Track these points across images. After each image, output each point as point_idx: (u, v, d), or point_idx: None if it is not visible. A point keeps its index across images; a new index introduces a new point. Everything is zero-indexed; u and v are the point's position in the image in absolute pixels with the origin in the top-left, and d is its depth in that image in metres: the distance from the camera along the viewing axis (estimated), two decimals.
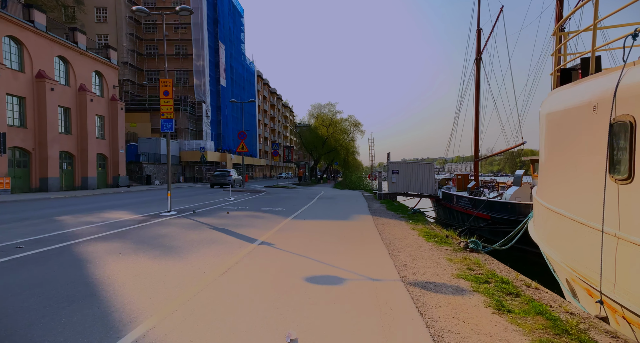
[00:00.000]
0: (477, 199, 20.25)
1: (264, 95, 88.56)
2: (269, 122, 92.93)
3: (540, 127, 7.29)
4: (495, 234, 18.04)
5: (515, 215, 16.06)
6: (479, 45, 28.83)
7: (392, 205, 18.22)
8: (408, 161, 26.85)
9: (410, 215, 13.78)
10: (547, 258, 6.97)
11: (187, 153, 50.49)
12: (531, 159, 18.35)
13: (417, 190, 26.52)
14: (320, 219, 12.28)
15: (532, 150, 42.69)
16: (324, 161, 69.47)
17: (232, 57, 64.33)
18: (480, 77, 28.96)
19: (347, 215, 13.65)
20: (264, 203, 18.09)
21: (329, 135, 60.50)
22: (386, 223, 11.49)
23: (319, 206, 17.04)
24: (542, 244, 7.16)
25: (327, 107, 63.63)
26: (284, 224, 10.93)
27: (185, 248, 7.33)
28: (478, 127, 29.21)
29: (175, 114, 51.04)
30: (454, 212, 24.34)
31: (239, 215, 12.96)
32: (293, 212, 14.32)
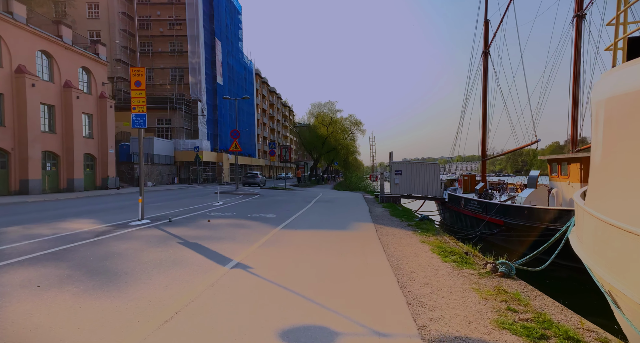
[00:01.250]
0: (488, 202, 18.57)
1: (262, 94, 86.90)
2: (268, 122, 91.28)
3: (594, 117, 5.63)
4: (509, 242, 16.35)
5: (533, 221, 14.38)
6: (486, 37, 27.15)
7: (396, 210, 16.55)
8: (411, 161, 25.15)
9: (418, 223, 12.11)
10: (608, 288, 5.31)
11: (182, 153, 48.85)
12: (549, 158, 16.67)
13: (421, 192, 24.84)
14: (314, 229, 10.62)
15: (535, 149, 41.03)
16: (324, 161, 67.81)
17: (229, 54, 62.68)
18: (487, 72, 27.31)
19: (345, 222, 11.99)
20: (255, 208, 16.44)
21: (328, 135, 58.83)
22: (391, 234, 9.82)
23: (315, 211, 15.38)
24: (596, 268, 5.51)
25: (327, 106, 62.01)
26: (270, 236, 9.27)
27: (134, 274, 5.67)
28: (486, 125, 27.54)
29: (170, 112, 49.43)
30: (461, 216, 22.65)
31: (221, 223, 11.29)
32: (285, 219, 12.66)
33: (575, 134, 17.10)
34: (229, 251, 7.42)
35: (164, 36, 53.30)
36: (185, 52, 52.07)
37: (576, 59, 16.49)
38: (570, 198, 15.16)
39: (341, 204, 19.12)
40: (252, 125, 75.13)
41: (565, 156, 15.34)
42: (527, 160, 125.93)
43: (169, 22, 53.39)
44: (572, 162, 14.83)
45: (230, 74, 63.04)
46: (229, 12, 63.34)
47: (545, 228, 13.57)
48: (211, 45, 55.86)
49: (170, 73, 53.62)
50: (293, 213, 14.25)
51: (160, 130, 50.99)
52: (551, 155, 16.91)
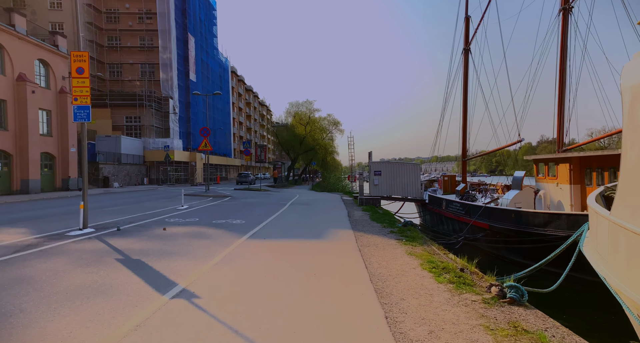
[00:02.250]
0: (472, 205, 17.67)
1: (238, 92, 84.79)
2: (245, 121, 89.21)
3: (625, 105, 4.56)
4: (495, 248, 15.46)
5: (521, 225, 13.47)
6: (467, 34, 26.40)
7: (376, 214, 15.40)
8: (391, 161, 24.14)
9: (401, 229, 10.95)
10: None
11: (152, 152, 46.55)
12: (535, 158, 15.87)
13: (401, 193, 23.85)
14: (285, 238, 9.30)
15: (509, 150, 40.73)
16: (301, 161, 66.43)
17: (203, 50, 60.53)
18: (468, 70, 26.59)
19: (321, 230, 10.71)
20: (223, 212, 14.97)
21: (306, 134, 57.55)
22: (373, 244, 8.60)
23: (290, 216, 14.05)
24: (632, 294, 4.43)
25: (305, 104, 60.70)
26: (233, 249, 7.90)
27: (32, 312, 4.21)
28: (466, 124, 26.82)
29: (140, 109, 47.10)
30: (443, 218, 21.75)
31: (177, 233, 9.82)
32: (254, 225, 11.28)
33: (562, 133, 16.38)
34: (177, 271, 6.02)
35: (133, 30, 50.79)
36: (156, 47, 49.77)
37: (562, 55, 15.76)
38: (558, 201, 14.36)
39: (318, 207, 17.86)
40: (228, 124, 73.03)
41: (553, 156, 14.54)
42: (501, 161, 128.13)
43: (138, 15, 50.93)
44: (561, 162, 14.03)
45: (204, 71, 60.90)
46: (203, 7, 61.18)
47: (535, 233, 12.68)
48: (183, 41, 53.67)
49: (140, 69, 51.17)
50: (264, 219, 12.88)
51: (129, 128, 48.54)
52: (538, 155, 16.12)
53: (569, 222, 11.59)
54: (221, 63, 71.56)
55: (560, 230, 11.89)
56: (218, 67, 69.15)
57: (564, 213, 11.79)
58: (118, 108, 47.35)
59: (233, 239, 8.99)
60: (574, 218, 11.45)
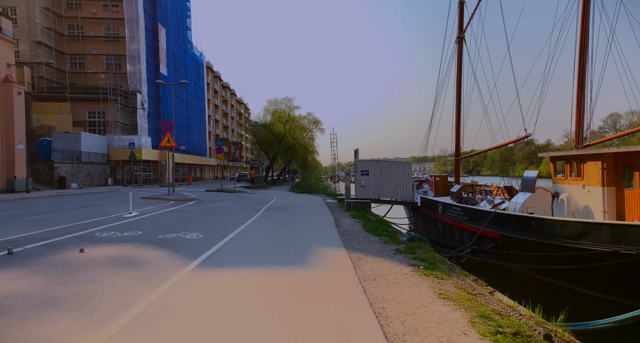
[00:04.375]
0: (478, 210, 15.27)
1: (214, 88, 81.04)
2: (221, 119, 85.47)
3: None
4: (508, 261, 13.05)
5: (545, 236, 11.07)
6: (461, 21, 24.15)
7: (369, 221, 12.75)
8: (379, 160, 21.63)
9: (408, 247, 8.32)
10: None
11: (118, 150, 42.73)
12: (555, 155, 13.54)
13: (390, 196, 21.34)
14: (253, 265, 6.52)
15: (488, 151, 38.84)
16: (281, 161, 63.60)
17: (175, 43, 56.79)
18: (462, 60, 24.33)
19: (305, 248, 7.97)
20: (179, 221, 12.05)
21: (286, 133, 54.80)
22: (381, 276, 5.92)
23: (264, 226, 11.25)
24: None
25: (284, 102, 57.98)
26: (166, 291, 5.07)
27: None
28: (460, 120, 24.58)
29: (104, 104, 43.21)
30: (438, 223, 19.32)
31: (98, 257, 6.89)
32: (213, 242, 8.45)
33: (581, 127, 14.16)
34: None
35: (97, 18, 46.80)
36: (123, 38, 45.88)
37: (583, 32, 13.49)
38: (585, 207, 12.02)
39: (299, 213, 15.10)
40: (203, 121, 69.34)
41: (579, 152, 12.21)
42: (478, 161, 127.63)
43: (103, 2, 46.97)
44: (590, 160, 11.69)
45: (177, 65, 57.16)
46: None
47: (566, 247, 10.28)
48: (153, 32, 49.90)
49: (105, 60, 47.21)
50: (230, 231, 10.04)
51: (92, 124, 44.57)
52: (556, 152, 13.80)
53: (613, 234, 9.22)
54: (195, 57, 67.83)
55: (601, 244, 9.52)
56: (192, 62, 65.40)
57: (606, 223, 9.41)
58: (80, 102, 43.31)
59: (174, 269, 6.15)
60: (620, 229, 9.08)
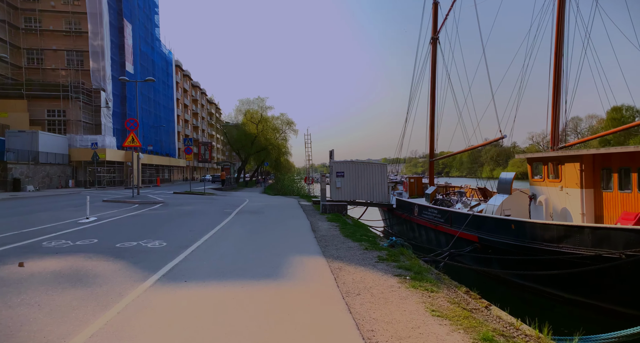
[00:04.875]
0: (455, 212, 15.02)
1: (184, 88, 78.81)
2: (191, 119, 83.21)
3: None
4: (487, 265, 12.80)
5: (525, 239, 10.82)
6: (435, 21, 24.07)
7: (347, 225, 12.19)
8: (355, 161, 21.17)
9: (391, 253, 7.78)
10: None
11: (80, 151, 40.52)
12: (531, 156, 13.42)
13: (366, 197, 20.93)
14: (222, 279, 5.80)
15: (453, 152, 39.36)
16: (253, 162, 62.37)
17: (142, 40, 54.68)
18: (436, 61, 24.25)
19: (280, 257, 7.29)
20: (142, 226, 11.10)
21: (258, 133, 53.72)
22: (365, 289, 5.33)
23: (235, 231, 10.48)
24: None
25: (257, 102, 56.82)
26: (117, 314, 4.27)
27: None
28: (434, 121, 24.47)
29: (65, 102, 40.96)
30: (414, 226, 19.04)
31: (40, 271, 5.97)
32: (177, 251, 7.64)
33: (557, 128, 14.14)
34: None
35: (56, 12, 44.33)
36: (85, 33, 43.61)
37: (559, 33, 13.44)
38: (563, 209, 11.89)
39: (273, 217, 14.37)
40: (172, 121, 67.15)
41: (557, 153, 12.09)
42: (447, 162, 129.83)
43: None
44: (568, 161, 11.57)
45: (144, 63, 55.04)
46: None
47: (548, 250, 10.04)
48: (118, 27, 47.77)
49: (65, 56, 44.76)
50: (197, 238, 9.22)
51: (52, 123, 42.17)
52: (534, 153, 13.69)
53: (595, 238, 9.02)
54: (164, 55, 65.63)
55: (583, 248, 9.31)
56: (160, 60, 63.24)
57: (588, 226, 9.20)
58: (38, 100, 40.87)
59: (130, 285, 5.34)
60: (602, 232, 8.89)
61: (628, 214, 9.68)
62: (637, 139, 67.87)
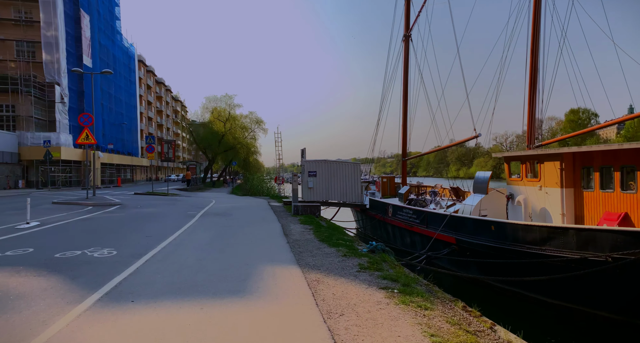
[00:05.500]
0: (431, 213, 14.53)
1: (147, 84, 75.68)
2: (155, 116, 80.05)
3: None
4: (466, 270, 12.34)
5: (506, 241, 10.39)
6: (407, 18, 23.68)
7: (321, 228, 11.38)
8: (328, 160, 20.44)
9: (373, 260, 7.04)
10: None
11: (32, 149, 37.70)
12: (509, 155, 13.09)
13: (339, 198, 20.25)
14: (179, 297, 4.83)
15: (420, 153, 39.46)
16: (220, 161, 60.56)
17: (101, 32, 51.80)
18: (409, 59, 23.87)
19: (248, 268, 6.38)
20: (91, 232, 9.86)
21: (226, 132, 52.13)
22: (348, 307, 4.53)
23: (198, 237, 9.45)
24: None
25: (224, 99, 55.15)
26: None
27: None
28: (406, 121, 24.08)
29: (14, 97, 38.05)
30: (388, 226, 18.50)
31: None
32: (129, 261, 6.59)
33: (534, 126, 13.91)
34: None
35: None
36: (37, 22, 40.64)
37: (535, 29, 13.16)
38: (542, 209, 11.55)
39: (241, 219, 13.35)
40: (134, 119, 64.16)
41: (535, 152, 11.77)
42: (414, 162, 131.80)
43: None
44: (547, 160, 11.26)
45: (104, 57, 52.15)
46: None
47: (531, 253, 9.61)
48: (75, 18, 44.94)
49: (15, 47, 41.58)
50: (154, 245, 8.15)
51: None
52: (511, 152, 13.38)
53: (580, 239, 8.63)
54: (125, 50, 62.59)
55: (567, 250, 8.91)
56: (122, 54, 60.25)
57: (572, 228, 8.80)
58: None
59: (60, 309, 4.30)
60: (588, 234, 8.50)
61: (610, 214, 9.39)
62: (593, 140, 70.96)
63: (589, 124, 78.15)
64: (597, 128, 17.85)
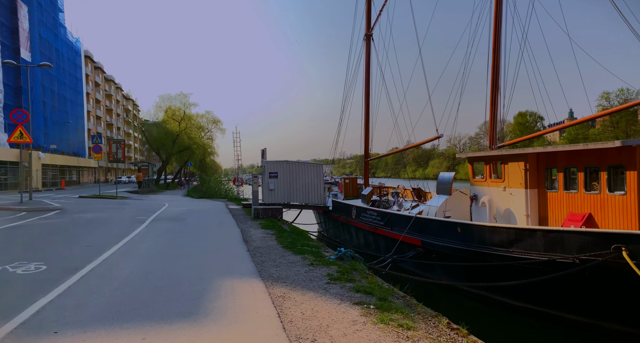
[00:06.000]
0: (396, 214, 14.21)
1: (96, 81, 71.38)
2: (104, 115, 75.69)
3: None
4: (431, 273, 12.08)
5: (472, 243, 10.17)
6: (369, 17, 23.46)
7: (284, 233, 10.68)
8: (289, 161, 19.74)
9: (342, 269, 6.45)
10: None
11: None
12: (472, 156, 13.01)
13: (301, 200, 19.63)
14: (117, 324, 3.97)
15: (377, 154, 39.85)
16: (175, 162, 58.18)
17: (42, 25, 48.09)
18: (370, 59, 23.66)
19: (202, 284, 5.58)
20: (16, 243, 8.57)
21: (181, 132, 50.08)
22: (318, 327, 3.89)
23: (145, 247, 8.46)
24: None
25: (179, 98, 53.03)
26: None
27: None
28: (369, 121, 23.86)
29: None
30: (352, 229, 18.07)
31: None
32: (59, 279, 5.57)
33: (495, 127, 13.95)
34: None
35: None
36: None
37: (496, 27, 13.16)
38: (506, 210, 11.48)
39: (195, 225, 12.36)
40: (81, 118, 60.21)
41: (499, 152, 11.71)
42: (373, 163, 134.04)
43: None
44: (511, 161, 11.20)
45: (45, 50, 48.38)
46: None
47: (498, 255, 9.43)
48: (10, 8, 41.32)
49: None
50: (93, 257, 7.12)
51: None
52: (475, 152, 13.31)
53: (547, 241, 8.50)
54: (70, 44, 58.56)
55: (534, 252, 8.76)
56: (66, 49, 56.29)
57: (540, 229, 8.65)
58: None
59: None
60: (555, 236, 8.38)
61: (574, 215, 9.38)
62: (540, 141, 74.79)
63: (535, 127, 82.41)
64: (562, 127, 18.17)
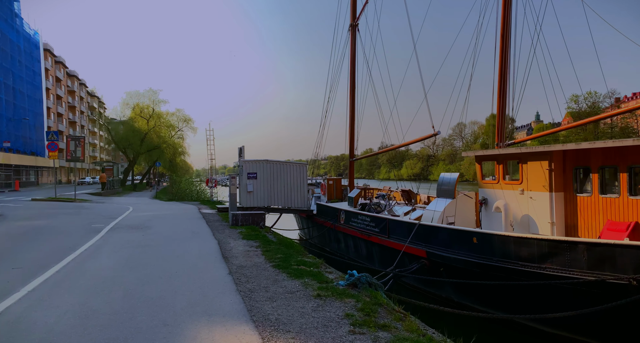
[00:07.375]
0: (395, 220, 12.59)
1: (56, 76, 66.87)
2: (66, 113, 71.08)
3: None
4: (440, 289, 10.53)
5: (492, 257, 8.63)
6: (354, 6, 21.89)
7: (269, 243, 8.84)
8: (270, 160, 17.88)
9: (362, 305, 4.73)
10: None
11: None
12: (480, 154, 11.56)
13: (283, 203, 17.83)
14: None
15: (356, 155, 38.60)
16: (143, 162, 54.92)
17: None
18: (356, 51, 22.06)
19: (170, 334, 3.75)
20: None
21: (149, 130, 47.25)
22: None
23: (93, 269, 6.47)
24: None
25: (148, 95, 50.07)
26: None
27: None
28: (354, 119, 22.25)
29: None
30: (339, 235, 16.37)
31: None
32: None
33: (504, 123, 12.60)
34: None
35: None
36: None
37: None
38: (524, 216, 10.04)
39: (163, 235, 10.32)
40: (40, 114, 56.03)
41: (516, 150, 10.28)
42: (345, 164, 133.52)
43: None
44: (532, 159, 9.77)
45: None
46: None
47: (527, 272, 7.92)
48: None
49: None
50: (16, 286, 5.13)
51: None
52: (485, 151, 11.86)
53: (593, 256, 7.05)
54: (28, 36, 54.27)
55: (576, 269, 7.30)
56: (22, 41, 52.03)
57: (582, 242, 7.19)
58: None
59: None
60: (603, 250, 6.91)
61: (616, 224, 7.97)
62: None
63: (507, 129, 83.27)
64: None
